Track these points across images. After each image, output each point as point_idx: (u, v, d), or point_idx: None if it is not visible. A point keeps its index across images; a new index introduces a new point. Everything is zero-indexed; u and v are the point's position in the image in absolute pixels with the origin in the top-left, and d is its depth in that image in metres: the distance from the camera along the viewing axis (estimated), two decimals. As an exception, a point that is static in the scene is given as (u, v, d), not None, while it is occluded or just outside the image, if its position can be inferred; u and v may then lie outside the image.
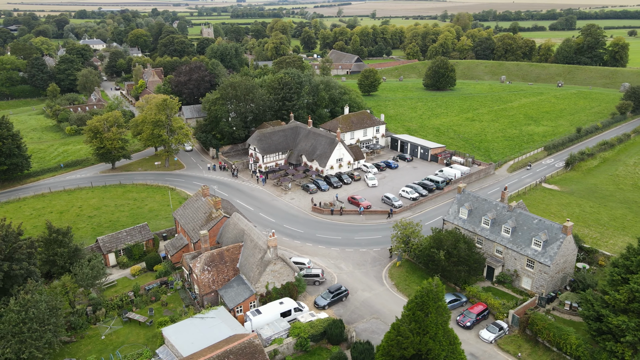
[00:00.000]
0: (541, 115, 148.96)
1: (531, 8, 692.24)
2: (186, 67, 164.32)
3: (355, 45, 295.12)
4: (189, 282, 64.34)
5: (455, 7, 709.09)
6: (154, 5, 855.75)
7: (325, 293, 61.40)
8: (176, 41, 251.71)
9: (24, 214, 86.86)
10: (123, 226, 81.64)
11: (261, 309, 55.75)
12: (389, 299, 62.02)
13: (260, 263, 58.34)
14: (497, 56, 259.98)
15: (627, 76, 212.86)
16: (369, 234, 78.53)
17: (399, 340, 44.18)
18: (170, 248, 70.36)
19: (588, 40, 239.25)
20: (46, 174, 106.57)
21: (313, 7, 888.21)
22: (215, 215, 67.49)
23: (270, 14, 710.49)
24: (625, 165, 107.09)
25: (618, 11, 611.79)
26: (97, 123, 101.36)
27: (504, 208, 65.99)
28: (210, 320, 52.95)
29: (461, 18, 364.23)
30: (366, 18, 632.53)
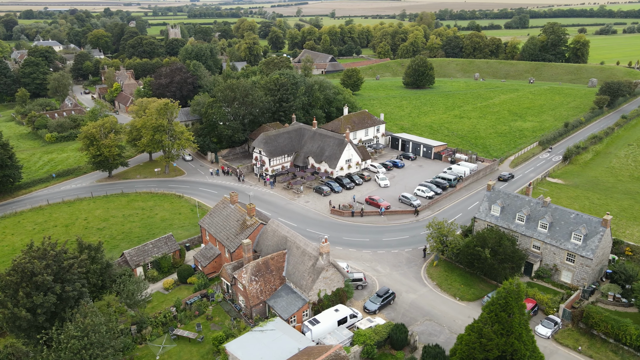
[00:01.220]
0: (524, 111, 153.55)
1: (483, 7, 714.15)
2: (166, 69, 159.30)
3: (326, 44, 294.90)
4: (229, 294, 61.85)
5: (412, 7, 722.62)
6: (103, 4, 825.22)
7: (374, 297, 60.50)
8: (145, 42, 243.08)
9: (25, 229, 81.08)
10: (138, 237, 77.84)
11: (318, 317, 54.20)
12: (435, 300, 61.80)
13: (312, 270, 56.73)
14: (466, 54, 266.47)
15: (590, 72, 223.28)
16: (397, 235, 78.18)
17: (482, 343, 43.87)
18: (202, 258, 67.41)
19: (552, 38, 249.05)
20: (37, 185, 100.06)
21: (270, 7, 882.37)
22: (251, 222, 65.17)
23: (229, 13, 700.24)
24: (618, 157, 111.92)
25: (565, 10, 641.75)
26: (93, 130, 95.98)
27: (538, 204, 67.15)
28: (271, 332, 50.94)
29: (425, 17, 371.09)
30: (326, 17, 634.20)
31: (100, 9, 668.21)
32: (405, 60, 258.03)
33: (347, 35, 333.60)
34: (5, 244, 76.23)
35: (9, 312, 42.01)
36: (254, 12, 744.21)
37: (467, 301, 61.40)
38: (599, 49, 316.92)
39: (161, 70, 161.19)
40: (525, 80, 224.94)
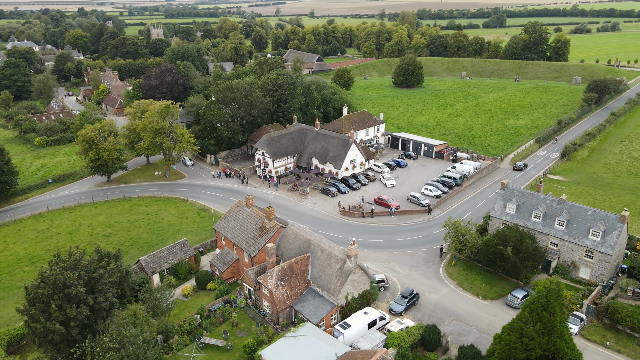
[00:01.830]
0: (515, 109, 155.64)
1: (459, 7, 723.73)
2: (156, 70, 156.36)
3: (310, 44, 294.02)
4: (252, 299, 60.71)
5: (390, 6, 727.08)
6: (77, 4, 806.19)
7: (399, 298, 60.18)
8: (128, 43, 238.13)
9: (27, 237, 78.15)
10: (147, 243, 75.94)
11: (349, 321, 53.57)
12: (459, 299, 61.81)
13: (340, 273, 56.05)
14: (451, 53, 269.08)
15: (573, 70, 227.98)
16: (410, 235, 78.07)
17: (523, 342, 43.89)
18: (219, 264, 66.00)
19: (534, 37, 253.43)
20: (33, 192, 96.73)
21: (248, 6, 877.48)
22: (270, 226, 64.09)
23: (207, 13, 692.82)
24: (613, 153, 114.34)
25: (539, 9, 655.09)
26: (92, 133, 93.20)
27: (554, 201, 67.89)
28: (304, 338, 50.09)
29: (406, 17, 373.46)
30: (305, 17, 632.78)
31: (73, 9, 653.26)
32: (392, 59, 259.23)
33: (331, 35, 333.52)
34: (9, 254, 73.31)
35: (42, 326, 40.14)
36: (232, 12, 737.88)
37: (490, 300, 61.59)
38: (576, 47, 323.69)
39: (151, 71, 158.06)
40: (510, 78, 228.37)
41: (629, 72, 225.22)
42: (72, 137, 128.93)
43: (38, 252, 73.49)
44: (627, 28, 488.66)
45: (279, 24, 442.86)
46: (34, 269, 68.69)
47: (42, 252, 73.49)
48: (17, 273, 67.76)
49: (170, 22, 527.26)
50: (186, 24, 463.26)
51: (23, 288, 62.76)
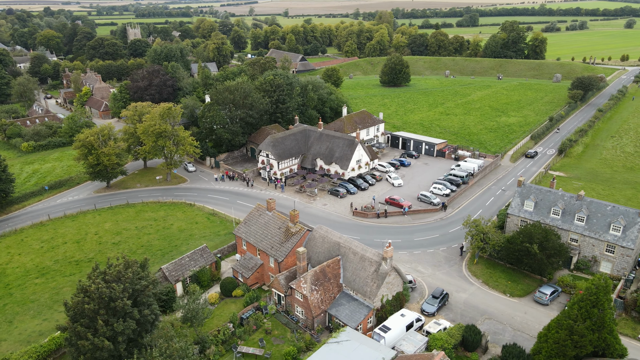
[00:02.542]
0: (504, 107, 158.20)
1: (431, 6, 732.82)
2: (143, 72, 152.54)
3: (291, 44, 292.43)
4: (282, 305, 59.44)
5: (365, 5, 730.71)
6: (41, 3, 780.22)
7: (430, 299, 59.95)
8: (107, 43, 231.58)
9: (32, 248, 74.62)
10: (160, 251, 73.66)
11: (388, 324, 52.96)
12: (487, 298, 62.00)
13: (375, 276, 55.38)
14: (432, 52, 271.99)
15: (551, 68, 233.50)
16: (427, 234, 78.05)
17: (574, 340, 44.20)
18: (242, 269, 64.41)
19: (512, 36, 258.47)
20: (30, 199, 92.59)
21: (220, 6, 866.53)
22: (296, 230, 62.87)
23: (179, 12, 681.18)
24: (606, 149, 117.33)
25: (509, 8, 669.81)
26: (91, 137, 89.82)
27: (572, 197, 68.91)
28: (347, 343, 49.18)
29: (383, 16, 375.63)
30: (279, 17, 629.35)
31: (38, 8, 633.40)
32: (374, 58, 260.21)
33: (310, 35, 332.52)
34: (15, 266, 69.80)
35: (89, 343, 38.06)
36: (205, 12, 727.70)
37: (517, 297, 62.01)
38: (549, 45, 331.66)
39: (137, 72, 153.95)
40: (492, 76, 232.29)
41: (604, 69, 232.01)
42: (60, 142, 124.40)
43: (46, 263, 70.25)
44: (594, 26, 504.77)
45: (255, 24, 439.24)
46: (45, 281, 65.62)
47: (50, 262, 70.28)
48: (28, 286, 64.56)
49: (142, 21, 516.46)
50: (160, 23, 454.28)
51: (37, 302, 60.17)
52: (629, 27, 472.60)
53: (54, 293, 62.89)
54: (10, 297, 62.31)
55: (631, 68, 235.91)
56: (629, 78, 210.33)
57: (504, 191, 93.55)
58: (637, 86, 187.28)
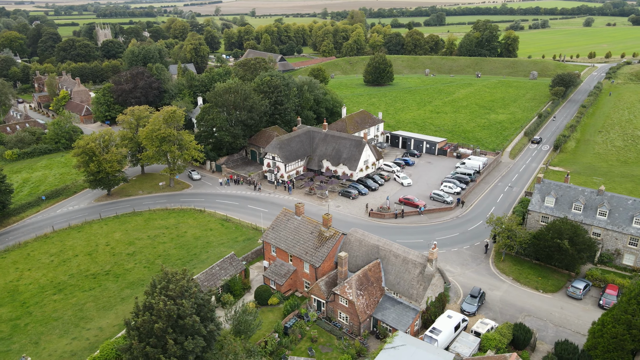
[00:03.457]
0: (490, 105, 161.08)
1: (397, 6, 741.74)
2: (127, 74, 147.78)
3: (267, 44, 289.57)
4: (322, 312, 58.14)
5: (332, 5, 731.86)
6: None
7: (469, 298, 59.89)
8: (78, 45, 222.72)
9: (42, 262, 70.43)
10: (180, 260, 70.96)
11: (437, 326, 52.50)
12: (521, 295, 62.47)
13: (421, 278, 54.85)
14: (408, 51, 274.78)
15: (526, 65, 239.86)
16: (447, 233, 78.18)
17: (632, 334, 44.92)
18: (275, 276, 62.67)
19: (486, 34, 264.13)
20: (27, 210, 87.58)
21: (184, 5, 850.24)
22: (329, 234, 61.63)
23: (142, 12, 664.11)
24: (597, 143, 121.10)
25: (472, 8, 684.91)
26: (92, 144, 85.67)
27: (593, 192, 70.47)
28: (403, 348, 48.38)
29: (356, 15, 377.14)
30: (247, 17, 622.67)
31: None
32: (353, 58, 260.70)
33: (284, 35, 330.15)
34: (28, 282, 65.65)
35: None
36: (169, 11, 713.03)
37: (550, 293, 62.78)
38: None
39: (121, 75, 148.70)
40: (469, 74, 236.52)
41: (575, 66, 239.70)
42: (46, 149, 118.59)
43: (60, 277, 66.44)
44: (555, 25, 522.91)
45: (225, 24, 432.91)
46: (64, 297, 61.98)
47: (65, 277, 66.51)
48: (46, 303, 60.80)
49: (104, 21, 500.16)
50: (124, 24, 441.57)
51: (60, 319, 56.84)
52: (588, 25, 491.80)
53: (77, 310, 59.46)
54: (30, 316, 58.52)
55: (600, 65, 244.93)
56: (600, 74, 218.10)
57: (511, 188, 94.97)
58: (609, 82, 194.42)
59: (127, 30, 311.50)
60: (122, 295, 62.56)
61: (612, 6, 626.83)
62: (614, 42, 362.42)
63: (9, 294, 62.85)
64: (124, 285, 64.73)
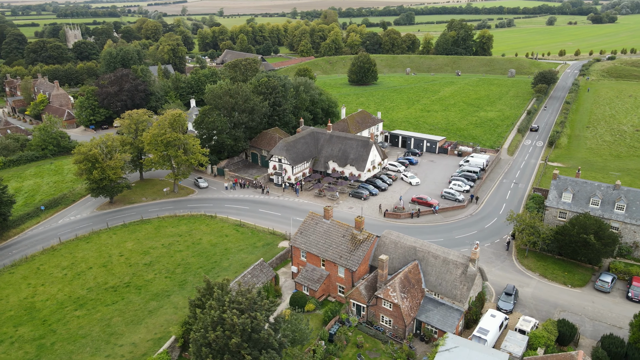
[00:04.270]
0: (477, 102, 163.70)
1: (365, 5, 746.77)
2: (111, 76, 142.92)
3: (244, 44, 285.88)
4: (362, 316, 57.21)
5: (301, 4, 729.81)
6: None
7: (504, 296, 60.09)
8: (49, 46, 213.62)
9: (54, 277, 66.66)
10: (202, 269, 68.64)
11: (484, 326, 52.42)
12: (551, 290, 63.21)
13: (464, 278, 54.67)
14: (386, 50, 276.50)
15: (502, 63, 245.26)
16: (465, 231, 78.56)
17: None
18: (308, 282, 61.30)
19: (462, 34, 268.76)
20: (27, 222, 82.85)
21: (147, 5, 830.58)
22: (363, 237, 60.72)
23: (105, 12, 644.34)
24: (588, 139, 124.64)
25: (438, 7, 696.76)
26: (95, 150, 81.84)
27: (609, 187, 72.14)
28: (457, 350, 48.02)
29: (329, 15, 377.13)
30: (216, 17, 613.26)
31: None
32: (332, 57, 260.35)
33: (259, 34, 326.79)
34: (44, 298, 61.93)
35: (240, 381, 34.16)
36: (133, 11, 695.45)
37: (579, 287, 63.80)
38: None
39: (104, 77, 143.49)
40: (448, 73, 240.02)
41: (548, 64, 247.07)
42: (33, 156, 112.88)
43: (78, 292, 63.01)
44: (519, 24, 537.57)
45: (196, 24, 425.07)
46: (87, 313, 58.78)
47: (83, 291, 63.13)
48: (69, 320, 57.49)
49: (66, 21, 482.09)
50: (89, 24, 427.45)
51: (88, 337, 54.08)
52: (551, 24, 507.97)
53: (104, 325, 56.48)
54: (55, 334, 55.17)
55: (571, 62, 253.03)
56: (574, 72, 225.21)
57: (517, 184, 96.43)
58: (584, 79, 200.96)
59: (96, 30, 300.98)
60: (148, 307, 59.87)
61: (571, 5, 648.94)
62: (577, 40, 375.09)
63: (27, 312, 59.15)
64: (148, 297, 61.98)
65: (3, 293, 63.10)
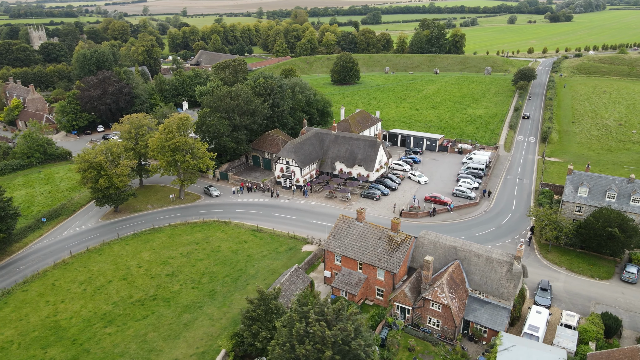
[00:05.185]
0: (462, 100, 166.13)
1: (330, 5, 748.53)
2: (93, 79, 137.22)
3: (217, 44, 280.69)
4: (407, 319, 56.53)
5: (267, 4, 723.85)
6: None
7: (541, 292, 60.80)
8: (15, 48, 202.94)
9: (74, 293, 62.79)
10: (228, 277, 66.41)
11: (533, 322, 52.73)
12: (581, 283, 64.40)
13: (510, 277, 54.80)
14: (361, 49, 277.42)
15: (476, 61, 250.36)
16: (483, 228, 79.17)
17: None
18: (346, 286, 60.09)
19: (435, 32, 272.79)
20: (29, 235, 77.83)
21: (104, 5, 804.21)
22: (401, 238, 60.05)
23: (61, 12, 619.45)
24: (577, 134, 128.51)
25: (402, 7, 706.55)
26: (100, 157, 77.83)
27: (624, 181, 74.26)
28: (515, 349, 48.06)
29: (299, 15, 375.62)
30: (175, 15, 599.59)
31: None
32: (309, 57, 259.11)
33: (230, 35, 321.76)
34: (68, 316, 58.15)
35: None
36: (91, 11, 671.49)
37: (606, 279, 65.30)
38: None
39: (86, 80, 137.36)
40: (424, 71, 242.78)
41: (520, 61, 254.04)
42: (19, 165, 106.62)
43: (103, 307, 59.58)
44: (483, 23, 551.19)
45: (161, 24, 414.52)
46: (118, 330, 55.61)
47: (108, 307, 59.73)
48: (101, 338, 54.19)
49: (20, 22, 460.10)
50: (46, 24, 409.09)
51: (126, 355, 51.57)
52: (512, 22, 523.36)
53: (140, 342, 53.55)
54: (89, 354, 51.84)
55: (541, 59, 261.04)
56: (545, 69, 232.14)
57: (521, 180, 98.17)
58: (558, 76, 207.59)
59: (59, 31, 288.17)
60: (182, 320, 57.24)
61: (528, 4, 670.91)
62: (539, 38, 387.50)
63: (52, 332, 55.39)
64: (179, 309, 59.28)
65: (21, 312, 58.93)
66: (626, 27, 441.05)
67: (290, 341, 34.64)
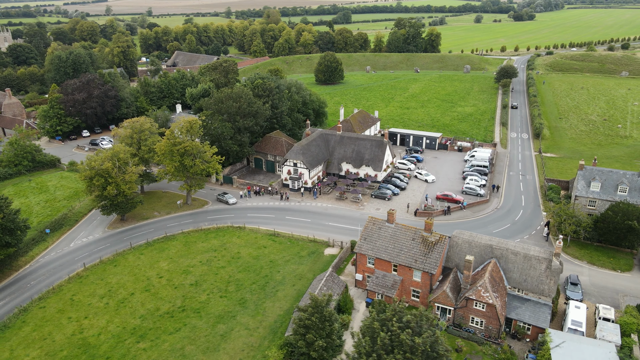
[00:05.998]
0: (449, 98, 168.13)
1: (298, 4, 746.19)
2: (76, 82, 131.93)
3: (192, 45, 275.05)
4: (448, 319, 56.22)
5: (235, 4, 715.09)
6: None
7: (571, 287, 61.66)
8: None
9: (97, 307, 59.58)
10: (255, 284, 64.62)
11: (576, 318, 53.34)
12: (605, 276, 65.74)
13: (549, 273, 55.26)
14: (339, 49, 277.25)
15: (453, 60, 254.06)
16: (499, 225, 79.86)
17: None
18: (382, 289, 59.29)
19: (411, 32, 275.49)
20: (34, 248, 73.48)
21: (62, 4, 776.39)
22: (435, 239, 59.69)
23: (18, 12, 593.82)
24: (566, 129, 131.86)
25: (370, 6, 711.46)
26: (107, 164, 74.33)
27: (634, 175, 76.36)
28: (566, 345, 48.44)
29: (272, 14, 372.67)
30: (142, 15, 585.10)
31: None
32: (288, 57, 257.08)
33: (204, 35, 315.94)
34: (95, 332, 55.02)
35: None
36: (50, 12, 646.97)
37: (627, 272, 66.90)
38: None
39: (68, 82, 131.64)
40: (404, 70, 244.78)
41: (495, 59, 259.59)
42: (6, 174, 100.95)
43: (131, 322, 56.75)
44: (450, 22, 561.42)
45: (128, 25, 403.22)
46: (152, 345, 53.02)
47: (137, 320, 56.93)
48: (136, 354, 51.50)
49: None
50: (3, 25, 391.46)
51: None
52: (478, 21, 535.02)
53: (178, 356, 51.22)
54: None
55: (515, 57, 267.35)
56: (520, 66, 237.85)
57: (524, 176, 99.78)
58: (534, 73, 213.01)
59: (24, 32, 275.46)
60: (218, 332, 55.12)
61: (492, 4, 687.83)
62: (507, 36, 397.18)
63: (82, 350, 52.28)
64: (212, 320, 57.11)
65: (44, 331, 55.44)
66: (586, 25, 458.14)
67: (375, 351, 33.51)
